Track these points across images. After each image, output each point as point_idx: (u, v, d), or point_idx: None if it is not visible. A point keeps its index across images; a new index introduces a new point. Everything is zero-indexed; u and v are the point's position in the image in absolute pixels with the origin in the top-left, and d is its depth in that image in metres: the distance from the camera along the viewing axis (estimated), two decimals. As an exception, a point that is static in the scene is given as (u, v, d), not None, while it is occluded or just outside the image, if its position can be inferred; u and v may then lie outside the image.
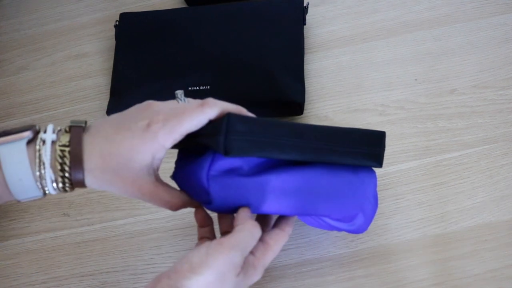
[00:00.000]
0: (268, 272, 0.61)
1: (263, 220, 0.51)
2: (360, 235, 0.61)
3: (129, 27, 0.77)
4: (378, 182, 0.64)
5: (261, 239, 0.47)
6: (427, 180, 0.63)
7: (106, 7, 0.85)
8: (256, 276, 0.45)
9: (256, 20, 0.74)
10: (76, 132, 0.44)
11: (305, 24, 0.74)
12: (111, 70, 0.76)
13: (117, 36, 0.77)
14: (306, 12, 0.74)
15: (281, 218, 0.50)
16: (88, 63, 0.80)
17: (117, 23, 0.78)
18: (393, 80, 0.70)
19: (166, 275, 0.42)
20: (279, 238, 0.47)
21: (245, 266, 0.44)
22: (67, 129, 0.44)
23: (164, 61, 0.74)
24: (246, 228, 0.43)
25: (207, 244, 0.43)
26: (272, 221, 0.52)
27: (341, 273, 0.59)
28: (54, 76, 0.80)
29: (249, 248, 0.44)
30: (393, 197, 0.63)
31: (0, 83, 0.80)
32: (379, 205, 0.62)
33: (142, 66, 0.74)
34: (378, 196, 0.63)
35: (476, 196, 0.62)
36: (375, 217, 0.62)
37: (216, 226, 0.52)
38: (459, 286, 0.57)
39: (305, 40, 0.75)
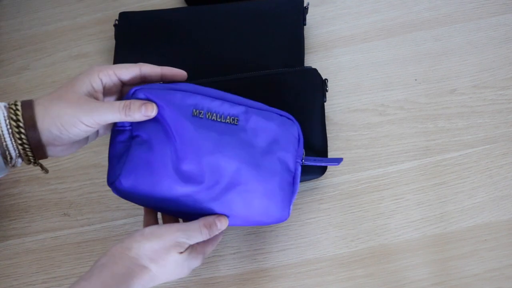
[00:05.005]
0: (268, 272, 0.61)
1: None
2: (360, 235, 0.61)
3: (129, 27, 0.77)
4: (378, 182, 0.64)
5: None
6: (427, 180, 0.63)
7: (106, 7, 0.84)
8: (197, 260, 0.53)
9: (256, 20, 0.74)
10: (26, 101, 0.50)
11: (305, 24, 0.74)
12: (111, 70, 0.76)
13: (117, 36, 0.77)
14: (306, 12, 0.74)
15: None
16: (88, 63, 0.80)
17: (117, 22, 0.78)
18: (393, 80, 0.70)
19: (120, 241, 0.50)
20: (216, 237, 0.55)
21: (190, 249, 0.52)
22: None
23: (163, 61, 0.73)
24: (199, 224, 0.52)
25: (159, 224, 0.51)
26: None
27: (341, 273, 0.60)
28: (54, 76, 0.79)
29: (194, 239, 0.51)
30: (393, 197, 0.63)
31: (1, 83, 0.80)
32: (379, 205, 0.62)
33: (142, 66, 0.74)
34: (378, 196, 0.63)
35: (476, 196, 0.62)
36: (375, 217, 0.62)
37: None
38: (458, 286, 0.57)
39: (305, 40, 0.74)
